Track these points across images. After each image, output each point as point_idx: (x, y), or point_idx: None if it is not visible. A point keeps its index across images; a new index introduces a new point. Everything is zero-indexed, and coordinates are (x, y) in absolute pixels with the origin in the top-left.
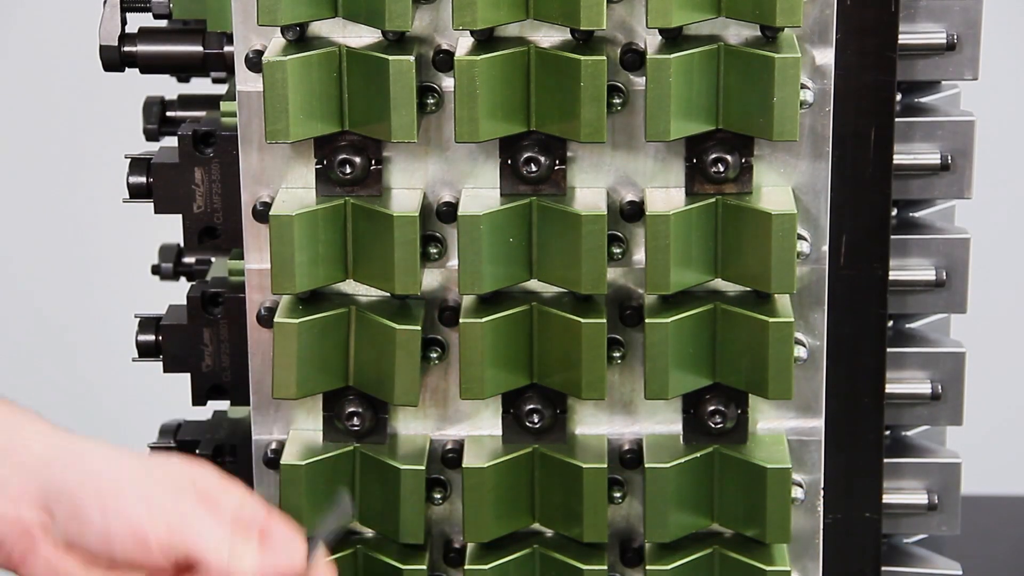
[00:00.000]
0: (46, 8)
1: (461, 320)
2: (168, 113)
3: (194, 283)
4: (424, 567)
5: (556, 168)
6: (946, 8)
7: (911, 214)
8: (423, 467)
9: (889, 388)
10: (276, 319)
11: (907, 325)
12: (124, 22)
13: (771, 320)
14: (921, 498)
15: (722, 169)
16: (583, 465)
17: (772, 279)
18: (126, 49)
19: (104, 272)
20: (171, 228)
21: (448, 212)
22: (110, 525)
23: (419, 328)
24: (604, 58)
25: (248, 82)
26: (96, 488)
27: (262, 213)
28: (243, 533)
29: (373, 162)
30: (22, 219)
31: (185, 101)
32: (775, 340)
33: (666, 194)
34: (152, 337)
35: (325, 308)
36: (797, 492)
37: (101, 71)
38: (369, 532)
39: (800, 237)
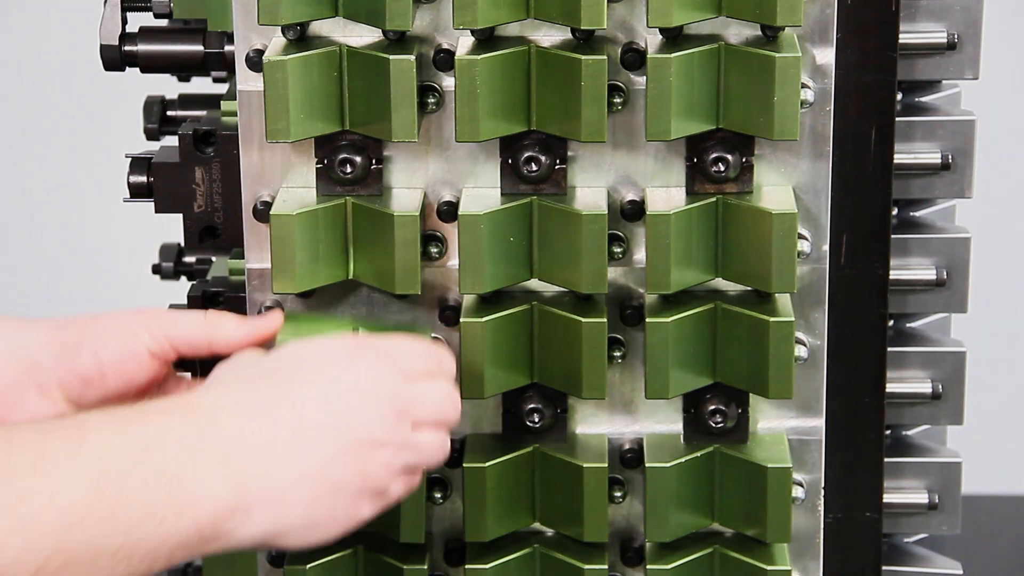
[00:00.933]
0: (46, 8)
1: (462, 319)
2: (169, 112)
3: (195, 282)
4: (424, 566)
5: (557, 167)
6: (947, 7)
7: (911, 213)
8: None
9: (889, 387)
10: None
11: (907, 324)
12: (125, 21)
13: (772, 319)
14: (921, 497)
15: (723, 168)
16: (584, 464)
17: (773, 278)
18: (127, 48)
19: (104, 272)
20: (172, 227)
21: (449, 211)
22: (105, 342)
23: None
24: (605, 58)
25: (249, 81)
26: (90, 317)
27: (263, 212)
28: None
29: (374, 161)
30: (22, 219)
31: (186, 100)
32: (776, 339)
33: (667, 193)
34: None
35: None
36: (797, 492)
37: (101, 70)
38: (370, 531)
39: (801, 236)
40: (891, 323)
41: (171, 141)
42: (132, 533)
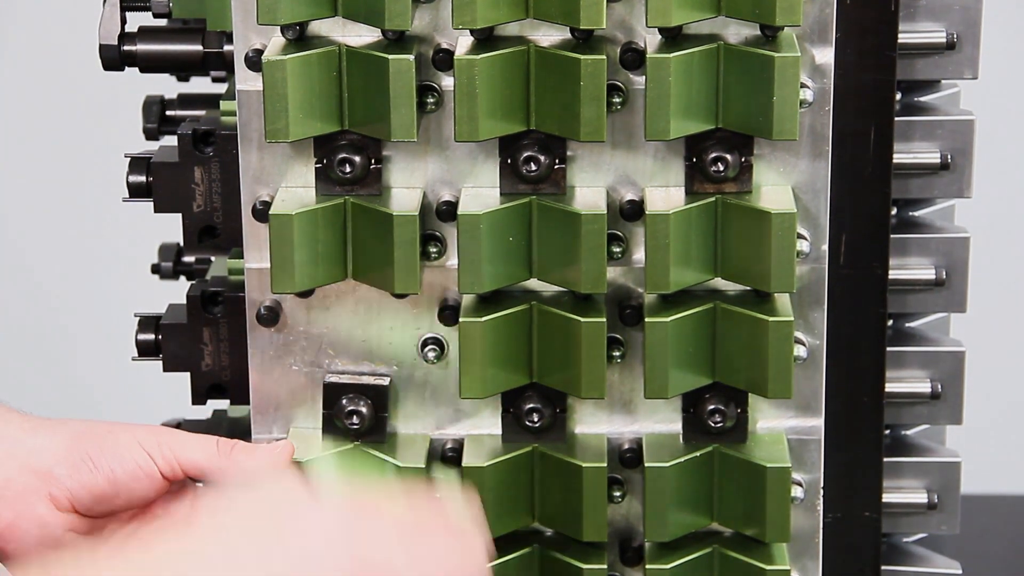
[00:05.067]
0: (46, 7)
1: (461, 319)
2: (168, 112)
3: (194, 282)
4: None
5: (556, 167)
6: (946, 7)
7: (911, 213)
8: (424, 466)
9: (889, 387)
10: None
11: (907, 324)
12: (124, 21)
13: (771, 319)
14: (921, 497)
15: (722, 168)
16: (583, 464)
17: (772, 278)
18: (126, 48)
19: (104, 271)
20: (171, 227)
21: (448, 211)
22: (121, 461)
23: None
24: (604, 57)
25: (248, 81)
26: (104, 429)
27: (262, 212)
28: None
29: (373, 161)
30: (22, 218)
31: (185, 100)
32: (775, 339)
33: (666, 193)
34: (152, 336)
35: None
36: (797, 491)
37: (101, 70)
38: None
39: (800, 236)
40: (890, 323)
41: (170, 141)
42: None
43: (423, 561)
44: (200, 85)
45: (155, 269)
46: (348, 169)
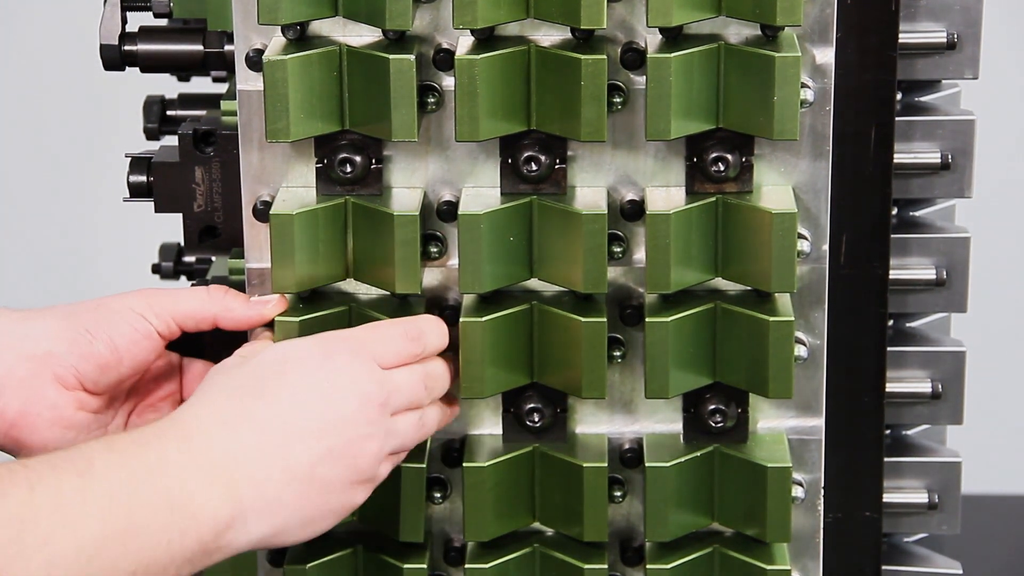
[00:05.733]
0: (46, 7)
1: (461, 319)
2: (168, 112)
3: (194, 282)
4: (424, 566)
5: (556, 167)
6: (946, 7)
7: (911, 213)
8: (424, 466)
9: (889, 387)
10: (277, 318)
11: (907, 324)
12: (124, 21)
13: (771, 319)
14: (921, 497)
15: (722, 168)
16: (583, 464)
17: (772, 278)
18: (126, 48)
19: (104, 271)
20: (171, 227)
21: (448, 211)
22: (118, 327)
23: None
24: (604, 57)
25: (248, 81)
26: (94, 303)
27: (262, 212)
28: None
29: (373, 161)
30: (22, 218)
31: (185, 100)
32: (775, 339)
33: (666, 193)
34: None
35: (325, 307)
36: (797, 491)
37: (101, 70)
38: (370, 531)
39: (800, 236)
40: (891, 323)
41: (171, 141)
42: (143, 558)
43: (406, 388)
44: (201, 85)
45: (156, 269)
46: (349, 169)
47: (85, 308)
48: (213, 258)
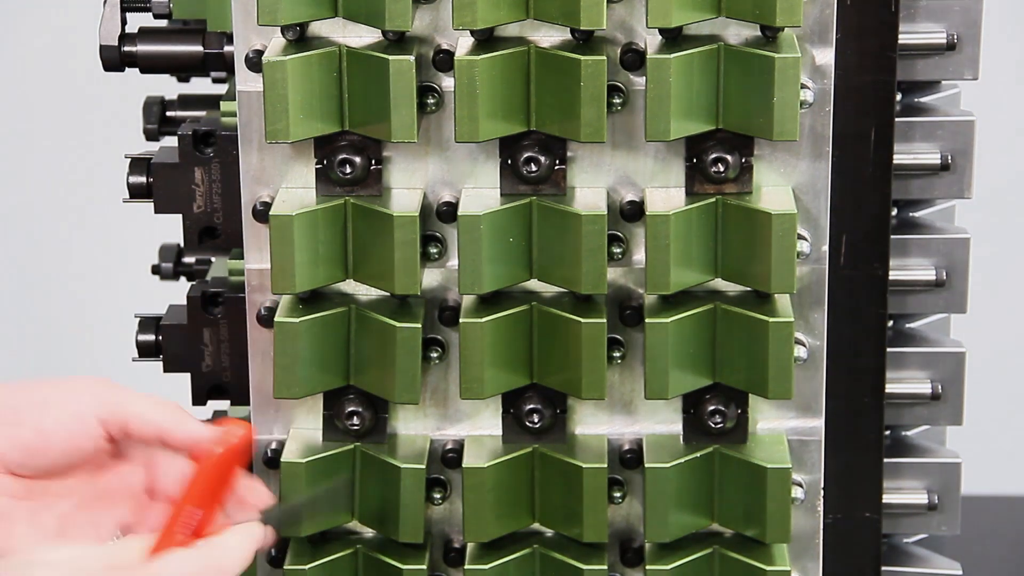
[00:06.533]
0: (46, 8)
1: (461, 320)
2: (168, 113)
3: (194, 283)
4: (424, 567)
5: (556, 168)
6: (946, 8)
7: (911, 214)
8: (423, 466)
9: (889, 388)
10: (277, 319)
11: (907, 325)
12: (124, 22)
13: (771, 320)
14: (921, 498)
15: (722, 169)
16: (583, 465)
17: (772, 279)
18: (126, 49)
19: (104, 272)
20: (171, 228)
21: (448, 212)
22: (48, 409)
23: (419, 326)
24: (604, 58)
25: (248, 82)
26: (34, 384)
27: (262, 213)
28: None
29: (373, 162)
30: (22, 218)
31: (185, 101)
32: (775, 340)
33: (666, 194)
34: (152, 337)
35: (325, 307)
36: (797, 492)
37: (101, 71)
38: (369, 532)
39: (800, 237)
40: (891, 323)
41: (171, 141)
42: None
43: None
44: (200, 86)
45: (155, 270)
46: (348, 170)
47: (21, 387)
48: (213, 259)
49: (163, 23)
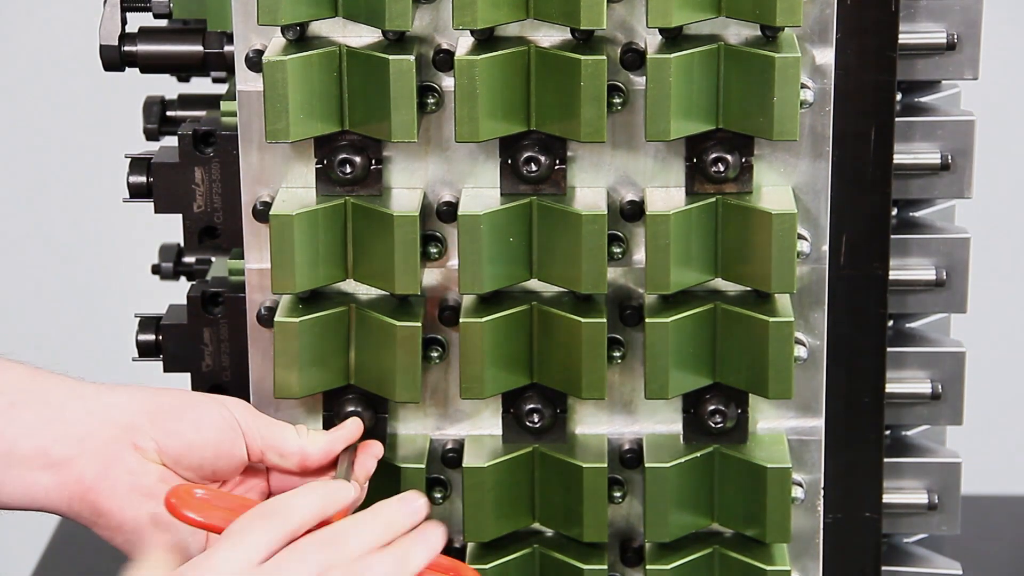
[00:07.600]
0: (46, 8)
1: (461, 320)
2: (168, 113)
3: (194, 283)
4: None
5: (556, 168)
6: (946, 8)
7: (911, 214)
8: (423, 466)
9: (889, 388)
10: (276, 318)
11: (907, 325)
12: (124, 22)
13: (771, 320)
14: (921, 498)
15: (722, 169)
16: (583, 465)
17: (772, 279)
18: (126, 49)
19: (104, 272)
20: (171, 228)
21: (448, 212)
22: (205, 411)
23: (419, 325)
24: (604, 58)
25: (248, 82)
26: (179, 393)
27: (262, 213)
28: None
29: (373, 162)
30: (22, 218)
31: (185, 101)
32: (775, 340)
33: (666, 194)
34: (152, 337)
35: (325, 307)
36: (797, 492)
37: (101, 71)
38: None
39: (800, 237)
40: (891, 323)
41: (171, 141)
42: None
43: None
44: (200, 86)
45: (155, 270)
46: (348, 169)
47: (175, 390)
48: (213, 259)
49: (163, 23)
